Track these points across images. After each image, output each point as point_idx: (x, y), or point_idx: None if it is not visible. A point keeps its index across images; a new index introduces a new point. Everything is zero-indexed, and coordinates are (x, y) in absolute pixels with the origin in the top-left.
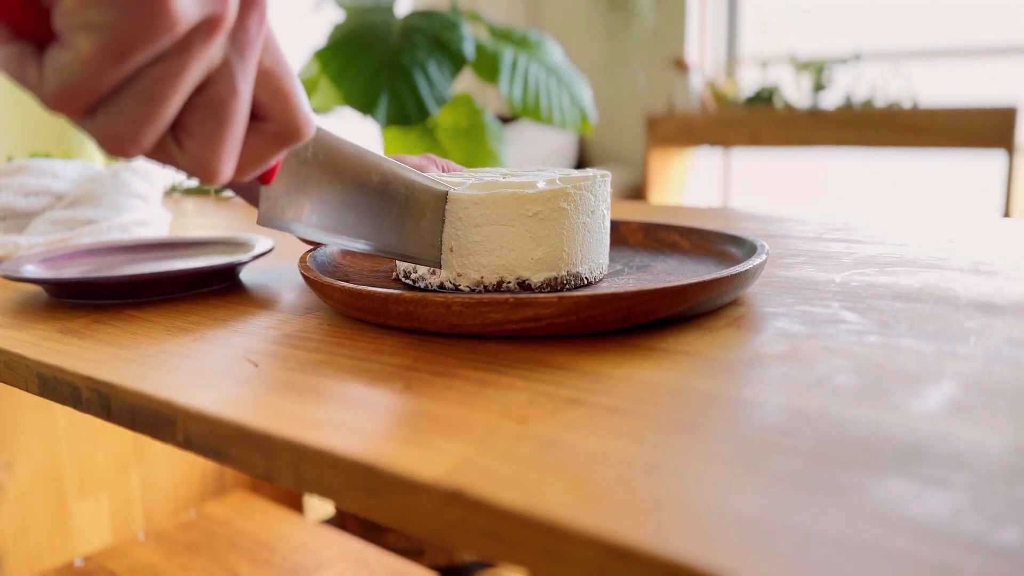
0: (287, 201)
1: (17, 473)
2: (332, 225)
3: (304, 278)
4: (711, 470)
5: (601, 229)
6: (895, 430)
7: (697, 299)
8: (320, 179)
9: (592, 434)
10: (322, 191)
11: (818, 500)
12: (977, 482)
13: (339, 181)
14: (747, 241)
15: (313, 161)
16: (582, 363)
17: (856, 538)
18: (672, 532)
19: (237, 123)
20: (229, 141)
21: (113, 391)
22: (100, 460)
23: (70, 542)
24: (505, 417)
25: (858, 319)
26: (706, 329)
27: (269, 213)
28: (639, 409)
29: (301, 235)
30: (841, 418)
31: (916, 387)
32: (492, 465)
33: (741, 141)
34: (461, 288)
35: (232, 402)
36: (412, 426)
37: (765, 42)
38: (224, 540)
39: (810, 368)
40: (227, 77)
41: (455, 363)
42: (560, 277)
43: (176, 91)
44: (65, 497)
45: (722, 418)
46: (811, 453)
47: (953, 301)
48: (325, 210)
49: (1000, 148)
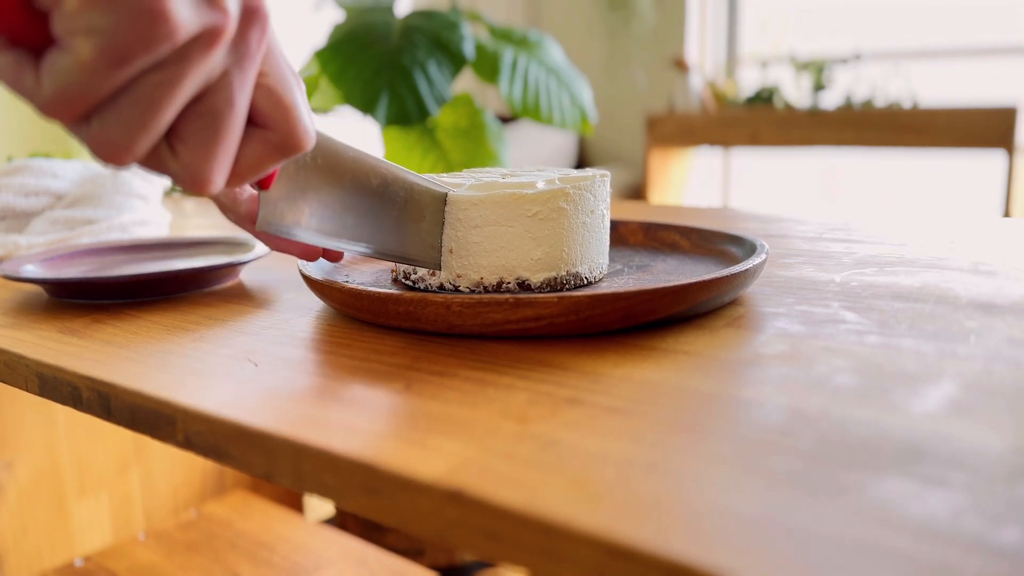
0: (286, 206)
1: (17, 473)
2: (332, 229)
3: (304, 278)
4: (711, 470)
5: (601, 229)
6: (895, 430)
7: (697, 299)
8: (319, 183)
9: (592, 434)
10: (321, 195)
11: (818, 500)
12: (977, 482)
13: (338, 185)
14: (747, 241)
15: (312, 165)
16: (582, 363)
17: (856, 538)
18: (672, 532)
19: (232, 133)
20: (223, 151)
21: (113, 391)
22: (100, 460)
23: (70, 542)
24: (505, 417)
25: (858, 319)
26: (706, 329)
27: (268, 218)
28: (639, 409)
29: (301, 239)
30: (841, 418)
31: (916, 387)
32: (492, 465)
33: (741, 141)
34: (461, 289)
35: (232, 402)
36: (412, 426)
37: (765, 42)
38: (224, 540)
39: (810, 368)
40: (225, 88)
41: (455, 363)
42: (560, 277)
43: (172, 100)
44: (65, 497)
45: (722, 418)
46: (811, 453)
47: (953, 301)
48: (325, 214)
49: (1000, 148)
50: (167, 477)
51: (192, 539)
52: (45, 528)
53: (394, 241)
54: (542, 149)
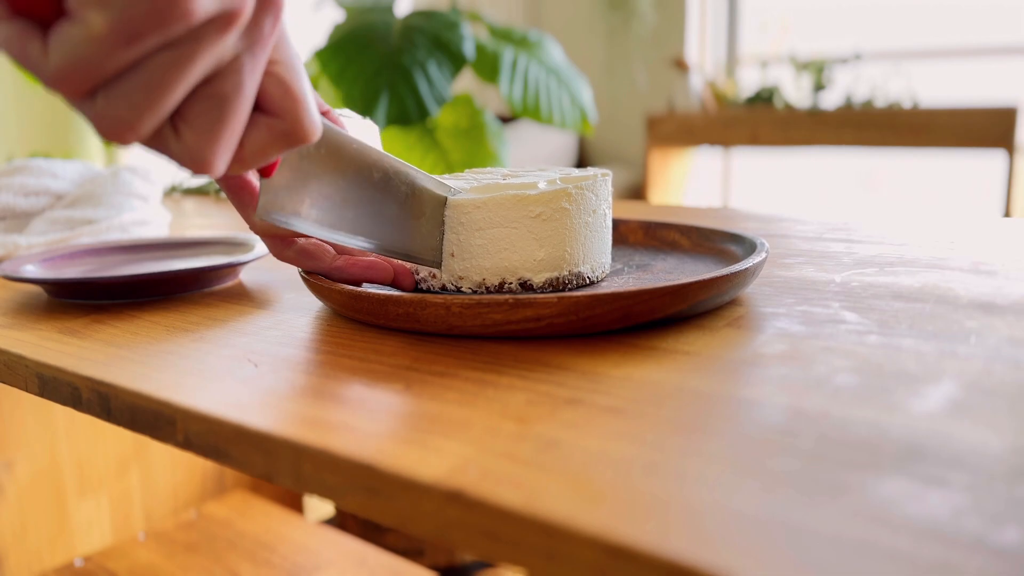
0: (287, 195)
1: (17, 473)
2: (331, 221)
3: (304, 280)
4: (711, 470)
5: (603, 228)
6: (895, 430)
7: (697, 298)
8: (321, 173)
9: (592, 434)
10: (323, 186)
11: (818, 500)
12: (977, 482)
13: (341, 176)
14: (747, 239)
15: (315, 155)
16: (581, 363)
17: (856, 538)
18: (672, 532)
19: (238, 119)
20: (227, 135)
21: (113, 391)
22: (100, 460)
23: (70, 542)
24: (504, 417)
25: (858, 319)
26: (706, 329)
27: (268, 207)
28: (639, 409)
29: (300, 229)
30: (841, 418)
31: (916, 387)
32: (492, 465)
33: (741, 141)
34: (463, 290)
35: (232, 402)
36: (412, 426)
37: (765, 42)
38: (224, 540)
39: (810, 368)
40: (235, 72)
41: (455, 363)
42: (562, 277)
43: (182, 80)
44: (65, 497)
45: (722, 418)
46: (811, 453)
47: (953, 301)
48: (325, 205)
49: (1000, 148)
50: (167, 477)
51: (192, 539)
52: (45, 528)
53: (395, 237)
54: (542, 149)
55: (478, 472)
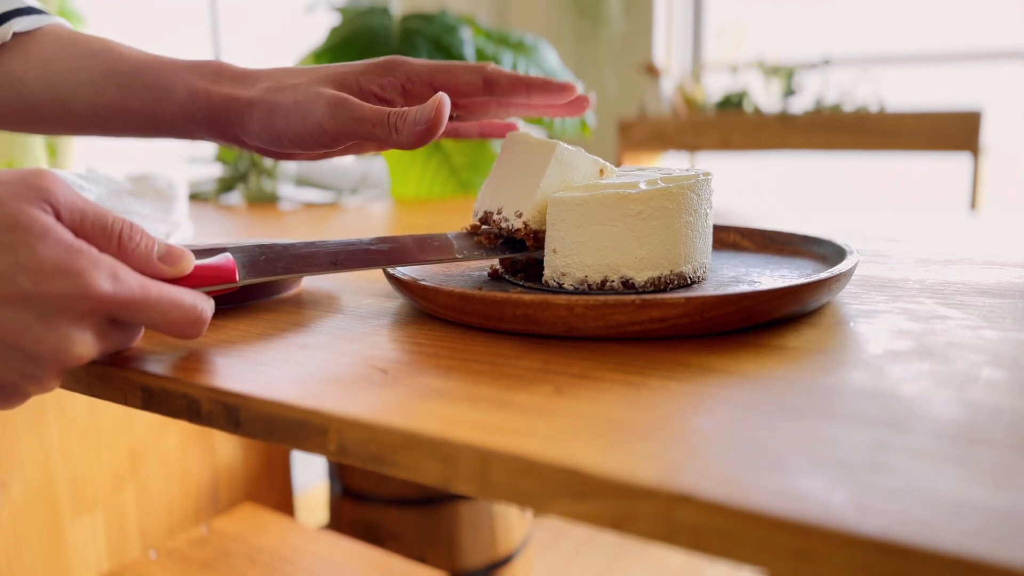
0: None
1: (11, 493)
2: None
3: (398, 283)
4: (924, 465)
5: (704, 229)
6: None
7: (811, 298)
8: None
9: (781, 431)
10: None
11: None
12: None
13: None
14: (820, 240)
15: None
16: (720, 363)
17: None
18: (934, 525)
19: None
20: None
21: (244, 401)
22: (95, 477)
23: (66, 562)
24: (678, 419)
25: (961, 315)
26: (817, 327)
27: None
28: (819, 407)
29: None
30: (1018, 409)
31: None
32: (703, 467)
33: (712, 145)
34: (565, 287)
35: (385, 409)
36: (595, 430)
37: (727, 48)
38: (241, 555)
39: (949, 363)
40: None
41: (589, 366)
42: (664, 276)
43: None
44: (60, 516)
45: (898, 413)
46: (1007, 444)
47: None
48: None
49: (966, 151)
50: (162, 493)
51: (207, 556)
52: (40, 548)
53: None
54: None
55: (696, 474)
